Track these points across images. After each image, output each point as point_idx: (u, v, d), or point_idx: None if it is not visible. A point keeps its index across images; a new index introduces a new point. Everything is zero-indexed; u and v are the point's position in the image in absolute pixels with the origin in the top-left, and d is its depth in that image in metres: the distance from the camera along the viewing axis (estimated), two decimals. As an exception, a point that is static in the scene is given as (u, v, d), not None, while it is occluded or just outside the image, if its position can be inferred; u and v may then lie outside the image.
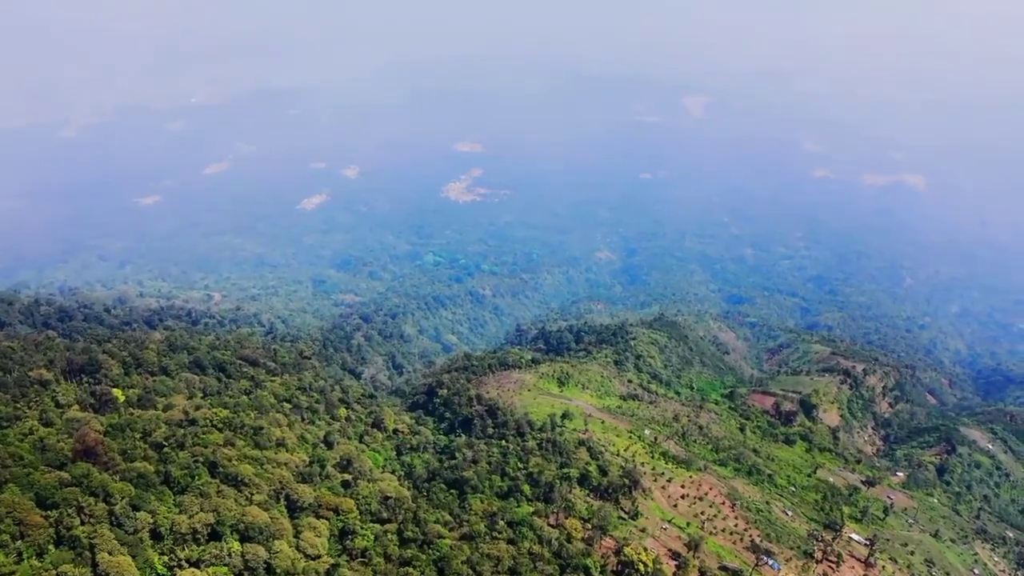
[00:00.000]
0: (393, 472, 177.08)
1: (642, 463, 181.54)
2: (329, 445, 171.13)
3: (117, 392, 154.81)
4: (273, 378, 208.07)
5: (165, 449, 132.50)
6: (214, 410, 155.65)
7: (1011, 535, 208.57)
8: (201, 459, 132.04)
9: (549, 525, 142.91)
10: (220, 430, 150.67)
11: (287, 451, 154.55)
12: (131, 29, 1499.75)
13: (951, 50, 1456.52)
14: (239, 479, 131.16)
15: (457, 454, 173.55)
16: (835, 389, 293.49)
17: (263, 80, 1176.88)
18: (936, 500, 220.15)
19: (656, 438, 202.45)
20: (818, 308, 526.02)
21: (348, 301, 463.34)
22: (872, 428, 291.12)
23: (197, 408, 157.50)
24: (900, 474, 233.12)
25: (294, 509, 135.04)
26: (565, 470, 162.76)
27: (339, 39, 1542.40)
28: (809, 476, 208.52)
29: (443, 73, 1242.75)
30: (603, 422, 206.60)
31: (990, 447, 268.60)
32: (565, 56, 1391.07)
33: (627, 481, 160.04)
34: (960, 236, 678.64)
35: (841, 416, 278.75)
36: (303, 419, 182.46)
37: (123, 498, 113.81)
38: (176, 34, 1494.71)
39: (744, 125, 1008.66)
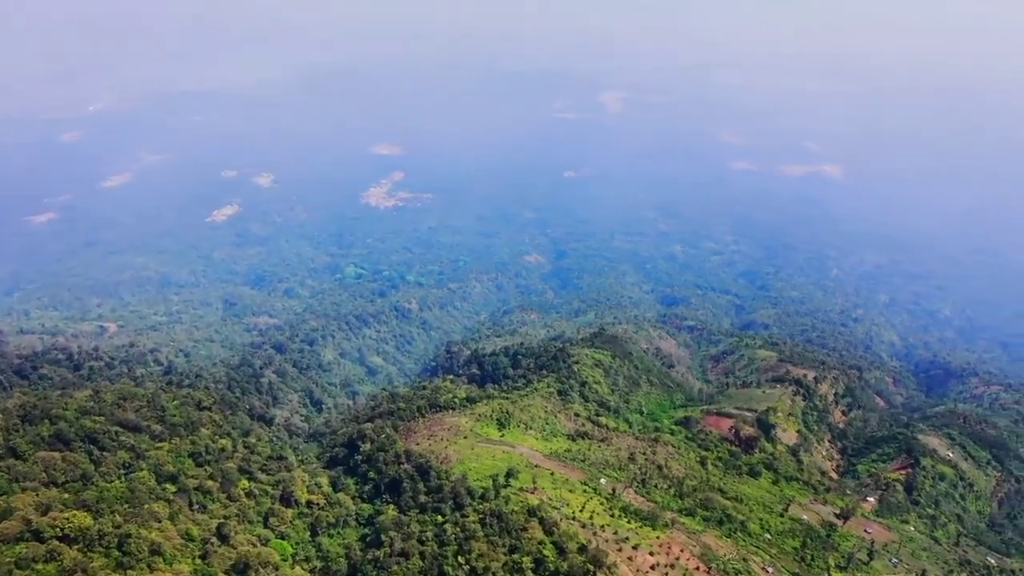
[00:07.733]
0: (307, 560, 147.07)
1: (602, 526, 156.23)
2: (223, 539, 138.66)
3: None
4: (159, 444, 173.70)
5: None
6: (67, 514, 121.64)
7: (993, 562, 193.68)
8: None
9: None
10: (73, 541, 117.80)
11: (164, 562, 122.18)
12: (19, 32, 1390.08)
13: (862, 39, 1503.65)
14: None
15: (383, 537, 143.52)
16: (789, 402, 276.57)
17: (167, 84, 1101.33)
18: (912, 527, 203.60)
19: (614, 488, 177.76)
20: (752, 305, 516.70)
21: (262, 325, 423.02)
22: (829, 441, 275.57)
23: (47, 511, 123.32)
24: (871, 499, 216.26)
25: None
26: (515, 556, 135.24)
27: (246, 40, 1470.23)
28: (781, 516, 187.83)
29: (356, 75, 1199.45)
30: (552, 473, 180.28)
31: (950, 455, 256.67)
32: (480, 54, 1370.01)
33: (590, 566, 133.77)
34: (879, 223, 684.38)
35: (799, 432, 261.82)
36: (191, 504, 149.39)
37: None
38: (70, 37, 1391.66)
39: (663, 119, 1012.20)
